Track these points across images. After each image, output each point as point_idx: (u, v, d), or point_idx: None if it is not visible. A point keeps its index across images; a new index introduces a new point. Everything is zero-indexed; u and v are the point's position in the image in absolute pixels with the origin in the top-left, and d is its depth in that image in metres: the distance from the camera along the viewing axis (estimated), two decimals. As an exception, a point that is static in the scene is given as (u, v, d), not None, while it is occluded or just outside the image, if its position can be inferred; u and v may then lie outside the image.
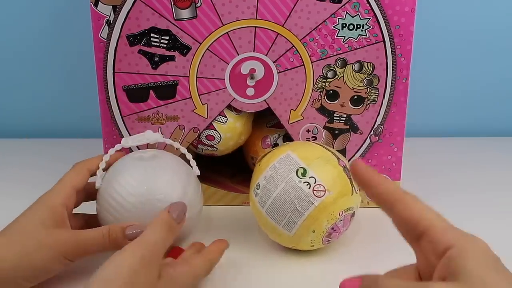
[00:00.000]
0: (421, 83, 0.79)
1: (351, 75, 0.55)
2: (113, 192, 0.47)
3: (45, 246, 0.42)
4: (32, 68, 0.82)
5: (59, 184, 0.47)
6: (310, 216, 0.47)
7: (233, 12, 0.53)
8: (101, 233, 0.44)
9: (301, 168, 0.48)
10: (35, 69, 0.82)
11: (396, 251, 0.51)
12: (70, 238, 0.43)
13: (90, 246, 0.44)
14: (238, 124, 0.58)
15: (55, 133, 0.84)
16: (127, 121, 0.57)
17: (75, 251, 0.43)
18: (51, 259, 0.43)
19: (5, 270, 0.41)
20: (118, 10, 0.53)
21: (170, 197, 0.47)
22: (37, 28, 0.80)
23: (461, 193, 0.64)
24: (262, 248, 0.52)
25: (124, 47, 0.54)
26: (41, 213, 0.44)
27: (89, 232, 0.44)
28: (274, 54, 0.55)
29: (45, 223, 0.44)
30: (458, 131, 0.85)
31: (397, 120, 0.57)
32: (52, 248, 0.42)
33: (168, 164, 0.50)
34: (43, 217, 0.44)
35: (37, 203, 0.46)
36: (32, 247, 0.42)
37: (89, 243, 0.44)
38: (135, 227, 0.45)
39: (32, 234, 0.43)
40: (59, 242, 0.43)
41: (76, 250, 0.44)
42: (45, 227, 0.43)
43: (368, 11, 0.53)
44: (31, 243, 0.42)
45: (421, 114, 0.82)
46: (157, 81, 0.55)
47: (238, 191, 0.60)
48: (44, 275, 0.43)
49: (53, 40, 0.80)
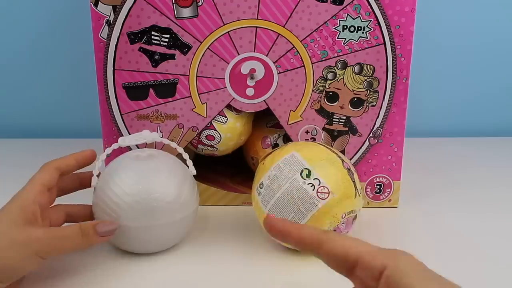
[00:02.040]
0: (421, 83, 0.79)
1: (351, 77, 0.55)
2: (109, 191, 0.47)
3: (16, 244, 0.42)
4: (32, 68, 0.82)
5: (29, 184, 0.47)
6: (313, 218, 0.47)
7: (234, 11, 0.53)
8: (73, 230, 0.44)
9: (305, 169, 0.47)
10: (35, 69, 0.82)
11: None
12: (43, 235, 0.43)
13: (63, 244, 0.44)
14: (238, 124, 0.58)
15: (55, 133, 0.84)
16: (126, 119, 0.57)
17: (47, 249, 0.43)
18: (23, 257, 0.42)
19: None
20: (119, 8, 0.53)
21: (165, 197, 0.48)
22: (37, 28, 0.80)
23: (461, 193, 0.64)
24: (262, 248, 0.52)
25: (125, 44, 0.54)
26: (12, 212, 0.44)
27: (62, 230, 0.44)
28: (275, 55, 0.55)
29: (16, 221, 0.43)
30: (458, 131, 0.85)
31: (397, 120, 0.57)
32: (24, 245, 0.42)
33: (164, 164, 0.50)
34: (14, 216, 0.43)
35: (8, 203, 0.45)
36: (4, 245, 0.41)
37: (62, 240, 0.43)
38: (106, 224, 0.45)
39: (3, 233, 0.42)
40: (31, 240, 0.42)
41: (49, 248, 0.43)
42: (16, 225, 0.43)
43: (369, 13, 0.53)
44: (3, 241, 0.41)
45: (421, 114, 0.82)
46: (157, 79, 0.55)
47: (238, 191, 0.60)
48: (16, 274, 0.43)
49: (53, 40, 0.80)
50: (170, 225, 0.48)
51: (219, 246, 0.52)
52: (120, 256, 0.50)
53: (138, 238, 0.48)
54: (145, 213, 0.47)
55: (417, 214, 0.59)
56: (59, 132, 0.84)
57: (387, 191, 0.60)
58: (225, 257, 0.50)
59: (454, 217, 0.58)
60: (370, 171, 0.59)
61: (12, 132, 0.85)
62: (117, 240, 0.50)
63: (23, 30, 0.80)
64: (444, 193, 0.64)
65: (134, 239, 0.48)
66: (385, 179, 0.59)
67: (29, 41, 0.80)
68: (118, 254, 0.50)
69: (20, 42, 0.80)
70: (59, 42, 0.80)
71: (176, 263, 0.49)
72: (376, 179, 0.59)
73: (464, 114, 0.86)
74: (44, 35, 0.80)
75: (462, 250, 0.51)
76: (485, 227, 0.56)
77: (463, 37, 0.81)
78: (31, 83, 0.83)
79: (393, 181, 0.59)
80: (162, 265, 0.49)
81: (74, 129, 0.84)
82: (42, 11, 0.79)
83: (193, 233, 0.54)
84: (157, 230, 0.48)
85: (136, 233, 0.48)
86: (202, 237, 0.54)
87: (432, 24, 0.79)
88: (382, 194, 0.60)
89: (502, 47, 0.82)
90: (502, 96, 0.85)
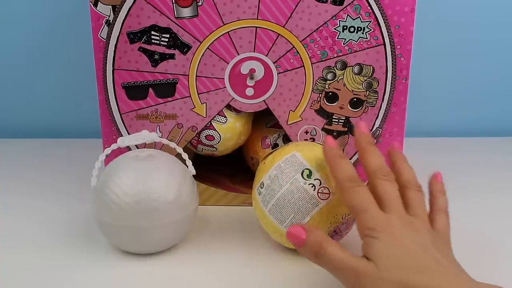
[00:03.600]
0: (421, 83, 0.79)
1: (351, 78, 0.55)
2: (108, 191, 0.47)
3: None
4: (31, 68, 0.82)
5: None
6: (314, 218, 0.47)
7: (234, 11, 0.53)
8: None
9: (306, 170, 0.47)
10: (34, 69, 0.82)
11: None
12: None
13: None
14: (238, 124, 0.58)
15: (55, 133, 0.84)
16: (125, 118, 0.57)
17: None
18: None
19: None
20: (118, 8, 0.53)
21: (165, 197, 0.47)
22: (37, 28, 0.80)
23: (460, 193, 0.63)
24: (262, 248, 0.52)
25: (124, 44, 0.54)
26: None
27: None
28: (274, 55, 0.55)
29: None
30: (458, 131, 0.85)
31: (397, 120, 0.57)
32: None
33: (163, 164, 0.50)
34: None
35: None
36: None
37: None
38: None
39: None
40: None
41: None
42: None
43: (369, 14, 0.53)
44: None
45: (421, 114, 0.82)
46: (156, 79, 0.55)
47: (237, 191, 0.60)
48: None
49: (52, 40, 0.80)
50: (170, 225, 0.48)
51: (219, 246, 0.52)
52: (120, 256, 0.50)
53: (138, 238, 0.48)
54: (145, 213, 0.47)
55: (416, 214, 0.59)
56: (59, 132, 0.84)
57: (387, 191, 0.59)
58: (225, 257, 0.50)
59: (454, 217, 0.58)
60: (370, 171, 0.59)
61: (12, 132, 0.85)
62: (117, 240, 0.50)
63: (22, 30, 0.80)
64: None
65: (134, 239, 0.48)
66: (385, 179, 0.59)
67: (29, 41, 0.80)
68: (118, 254, 0.50)
69: (19, 42, 0.80)
70: (59, 42, 0.80)
71: (176, 263, 0.49)
72: (376, 179, 0.59)
73: (464, 114, 0.86)
74: (43, 35, 0.80)
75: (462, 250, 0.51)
76: (485, 227, 0.56)
77: (463, 37, 0.81)
78: (30, 83, 0.83)
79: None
80: (162, 265, 0.49)
81: (74, 129, 0.84)
82: (42, 11, 0.79)
83: (193, 233, 0.54)
84: (157, 230, 0.48)
85: (136, 233, 0.48)
86: (202, 237, 0.54)
87: (432, 24, 0.79)
88: (382, 194, 0.60)
89: (502, 47, 0.82)
90: (502, 96, 0.85)
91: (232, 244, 0.52)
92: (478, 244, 0.53)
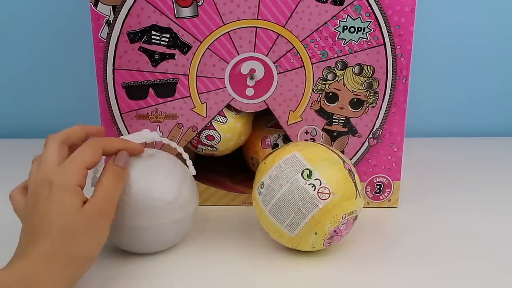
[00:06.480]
0: (421, 83, 0.80)
1: (351, 78, 0.55)
2: None
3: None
4: (31, 68, 0.82)
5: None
6: (314, 218, 0.47)
7: (234, 11, 0.53)
8: (111, 179, 0.44)
9: (306, 170, 0.47)
10: (34, 69, 0.82)
11: (396, 251, 0.52)
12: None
13: (115, 196, 0.45)
14: (238, 124, 0.58)
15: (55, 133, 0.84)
16: (125, 118, 0.57)
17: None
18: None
19: None
20: (119, 8, 0.53)
21: (165, 197, 0.47)
22: (37, 28, 0.80)
23: (461, 193, 0.64)
24: (261, 248, 0.52)
25: (125, 44, 0.54)
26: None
27: (105, 185, 0.44)
28: (275, 55, 0.55)
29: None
30: (458, 131, 0.85)
31: (397, 120, 0.57)
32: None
33: (163, 164, 0.50)
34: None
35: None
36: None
37: (113, 194, 0.44)
38: (119, 157, 0.46)
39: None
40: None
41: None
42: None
43: (370, 14, 0.53)
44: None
45: (421, 114, 0.82)
46: (156, 78, 0.55)
47: (237, 191, 0.60)
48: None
49: (53, 41, 0.80)
50: (170, 225, 0.48)
51: (219, 246, 0.52)
52: (120, 256, 0.50)
53: (138, 238, 0.48)
54: (145, 213, 0.47)
55: (417, 214, 0.59)
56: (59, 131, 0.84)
57: (387, 191, 0.60)
58: (225, 257, 0.50)
59: (454, 217, 0.58)
60: (370, 171, 0.59)
61: (12, 132, 0.85)
62: (117, 240, 0.50)
63: (22, 30, 0.80)
64: (444, 193, 0.64)
65: (134, 239, 0.48)
66: (385, 179, 0.59)
67: (29, 41, 0.80)
68: (118, 254, 0.50)
69: (20, 42, 0.81)
70: (59, 42, 0.80)
71: (176, 263, 0.49)
72: (376, 179, 0.59)
73: (464, 114, 0.86)
74: (43, 36, 0.80)
75: (462, 250, 0.51)
76: (485, 227, 0.56)
77: (463, 37, 0.81)
78: (30, 83, 0.83)
79: (393, 181, 0.59)
80: (162, 265, 0.49)
81: (74, 129, 0.84)
82: (42, 12, 0.79)
83: (193, 233, 0.54)
84: (157, 230, 0.48)
85: (136, 233, 0.48)
86: (202, 237, 0.54)
87: (432, 24, 0.79)
88: (382, 194, 0.60)
89: (502, 47, 0.82)
90: (502, 96, 0.85)
91: (232, 244, 0.52)
92: (479, 245, 0.53)
